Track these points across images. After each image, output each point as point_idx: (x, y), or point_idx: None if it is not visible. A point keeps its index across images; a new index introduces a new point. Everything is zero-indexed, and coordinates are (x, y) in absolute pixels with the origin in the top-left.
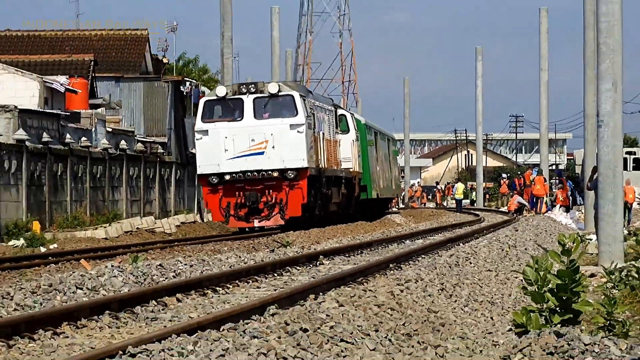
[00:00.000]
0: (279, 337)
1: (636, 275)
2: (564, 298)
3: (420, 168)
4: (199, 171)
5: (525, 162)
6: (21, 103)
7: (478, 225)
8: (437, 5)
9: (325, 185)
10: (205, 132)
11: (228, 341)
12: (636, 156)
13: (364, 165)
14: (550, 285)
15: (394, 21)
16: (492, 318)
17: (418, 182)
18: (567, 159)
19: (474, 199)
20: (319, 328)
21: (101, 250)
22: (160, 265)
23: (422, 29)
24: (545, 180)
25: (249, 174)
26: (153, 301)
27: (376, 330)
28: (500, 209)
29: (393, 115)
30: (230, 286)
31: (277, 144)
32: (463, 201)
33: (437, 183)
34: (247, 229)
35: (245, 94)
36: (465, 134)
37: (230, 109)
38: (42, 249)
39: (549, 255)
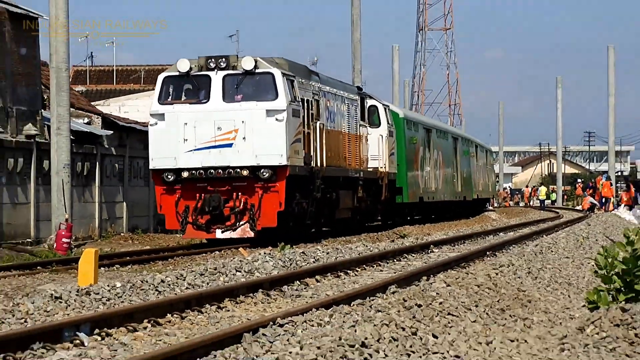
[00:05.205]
0: (398, 311)
1: None
2: (628, 280)
3: (511, 174)
4: (151, 165)
5: (596, 170)
6: None
7: (558, 221)
8: (525, 43)
9: (321, 188)
10: (160, 117)
11: (357, 314)
12: None
13: (399, 165)
14: (616, 270)
15: (491, 56)
16: (569, 296)
17: (509, 186)
18: (630, 167)
19: (555, 199)
20: (430, 304)
21: None
22: (303, 252)
23: (513, 61)
24: (611, 184)
25: (212, 171)
26: (297, 281)
27: (476, 306)
28: (575, 208)
29: (491, 131)
30: (359, 269)
31: (249, 134)
32: (545, 201)
33: (526, 186)
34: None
35: (213, 69)
36: (547, 147)
37: (194, 89)
38: None
39: (616, 245)
